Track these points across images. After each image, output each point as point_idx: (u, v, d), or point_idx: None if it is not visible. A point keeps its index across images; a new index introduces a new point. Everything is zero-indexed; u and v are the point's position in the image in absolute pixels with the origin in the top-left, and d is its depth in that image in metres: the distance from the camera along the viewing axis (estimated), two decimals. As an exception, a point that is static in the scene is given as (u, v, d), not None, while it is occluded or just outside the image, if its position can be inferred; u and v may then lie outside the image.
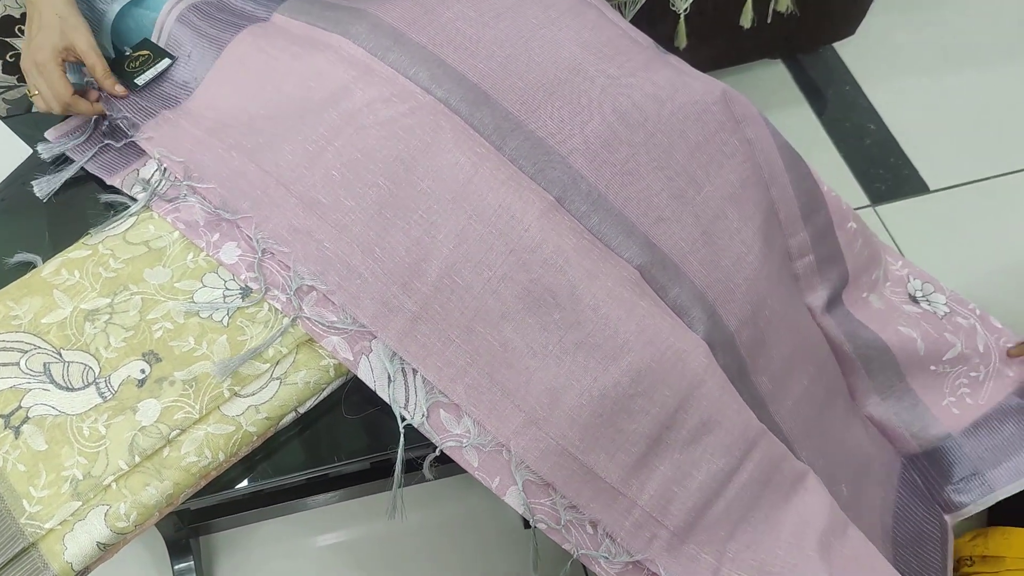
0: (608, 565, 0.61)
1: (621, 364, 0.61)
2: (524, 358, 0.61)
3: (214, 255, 0.66)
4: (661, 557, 0.62)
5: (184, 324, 0.65)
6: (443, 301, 0.61)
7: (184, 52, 0.77)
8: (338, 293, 0.61)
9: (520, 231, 0.62)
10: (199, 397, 0.61)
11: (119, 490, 0.58)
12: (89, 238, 0.69)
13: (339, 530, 1.06)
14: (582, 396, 0.61)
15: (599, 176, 0.67)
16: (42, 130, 0.77)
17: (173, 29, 0.77)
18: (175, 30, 0.77)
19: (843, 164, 1.39)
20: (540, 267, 0.62)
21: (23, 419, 0.60)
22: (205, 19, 0.78)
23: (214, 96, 0.75)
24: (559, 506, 0.61)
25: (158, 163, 0.71)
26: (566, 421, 0.60)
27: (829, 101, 1.45)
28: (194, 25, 0.77)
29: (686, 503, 0.63)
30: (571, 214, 0.65)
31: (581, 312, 0.62)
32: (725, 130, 0.73)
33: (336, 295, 0.61)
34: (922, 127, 1.43)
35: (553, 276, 0.62)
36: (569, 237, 0.64)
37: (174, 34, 0.77)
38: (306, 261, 0.63)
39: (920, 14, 1.57)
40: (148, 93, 0.75)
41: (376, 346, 0.61)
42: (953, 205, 1.34)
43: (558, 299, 0.62)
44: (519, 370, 0.61)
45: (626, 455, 0.62)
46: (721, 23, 1.23)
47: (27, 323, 0.64)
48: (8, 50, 0.91)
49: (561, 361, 0.61)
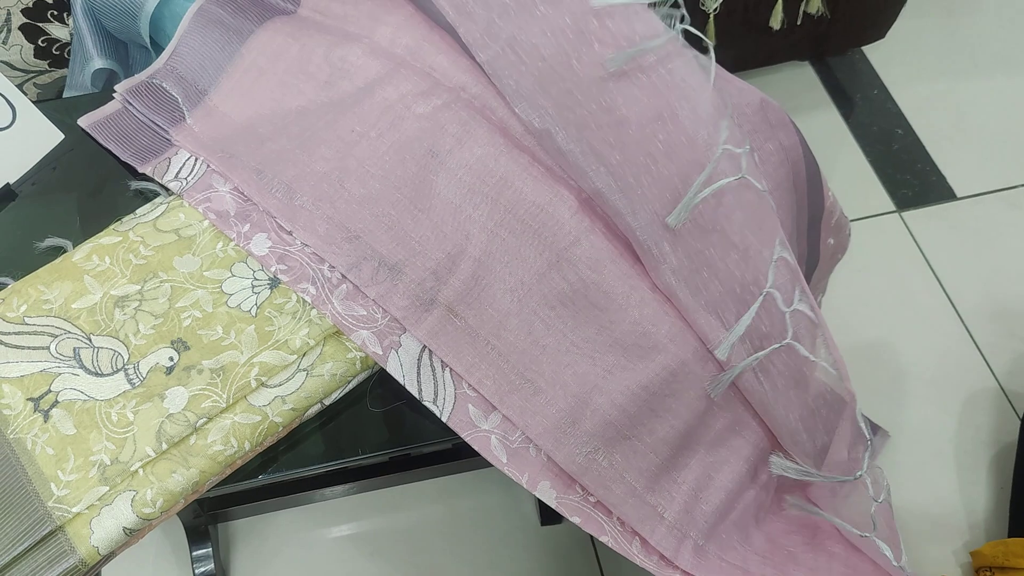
0: (643, 557, 0.61)
1: (654, 365, 0.61)
2: (557, 355, 0.61)
3: (244, 246, 0.66)
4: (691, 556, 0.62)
5: (213, 313, 0.65)
6: (476, 296, 0.61)
7: (206, 42, 0.77)
8: (371, 287, 0.61)
9: (555, 227, 0.62)
10: (226, 386, 0.62)
11: (146, 476, 0.58)
12: (120, 224, 0.69)
13: (355, 521, 1.07)
14: (614, 395, 0.60)
15: (635, 173, 0.67)
16: (73, 115, 0.77)
17: (193, 19, 0.78)
18: (195, 20, 0.78)
19: (869, 169, 1.38)
20: (574, 265, 0.62)
21: (52, 403, 0.60)
22: (228, 7, 0.78)
23: (240, 88, 0.75)
24: (590, 502, 0.61)
25: (191, 153, 0.71)
26: (598, 420, 0.60)
27: (857, 105, 1.44)
28: (216, 15, 0.77)
29: (712, 503, 0.63)
30: (605, 212, 0.65)
31: (615, 312, 0.62)
32: (760, 134, 0.73)
33: (370, 288, 0.61)
34: (950, 133, 1.41)
35: (587, 274, 0.62)
36: (603, 236, 0.63)
37: (195, 23, 0.78)
38: (341, 254, 0.63)
39: (952, 19, 1.56)
40: (172, 85, 0.76)
41: (406, 341, 0.61)
42: (980, 213, 1.33)
43: (591, 298, 0.62)
44: (551, 367, 0.61)
45: (656, 456, 0.62)
46: (750, 23, 1.22)
47: (58, 308, 0.64)
48: (40, 35, 0.92)
49: (594, 360, 0.61)
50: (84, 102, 0.81)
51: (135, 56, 0.92)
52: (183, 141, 0.71)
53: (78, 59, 0.90)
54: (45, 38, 0.92)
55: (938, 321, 1.24)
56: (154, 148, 0.73)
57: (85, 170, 0.76)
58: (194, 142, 0.71)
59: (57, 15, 0.89)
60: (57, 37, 0.92)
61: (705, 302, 0.63)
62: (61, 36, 0.92)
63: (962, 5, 1.57)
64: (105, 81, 0.92)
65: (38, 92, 0.98)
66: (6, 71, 0.93)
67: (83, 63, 0.89)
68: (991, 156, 1.38)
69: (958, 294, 1.26)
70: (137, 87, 0.76)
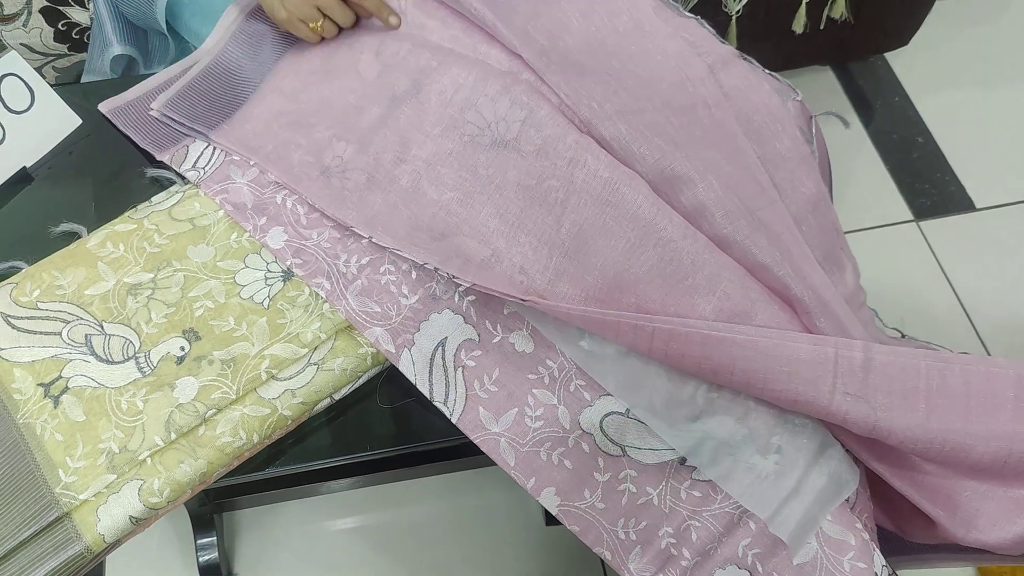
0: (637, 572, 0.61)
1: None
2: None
3: (260, 239, 0.66)
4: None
5: (225, 304, 0.65)
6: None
7: (252, 42, 0.78)
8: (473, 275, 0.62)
9: (634, 209, 0.63)
10: (236, 378, 0.62)
11: (154, 465, 0.58)
12: (135, 212, 0.69)
13: (358, 515, 1.07)
14: None
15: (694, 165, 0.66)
16: (91, 100, 0.77)
17: (241, 24, 0.78)
18: (243, 25, 0.78)
19: (888, 177, 1.36)
20: (659, 242, 0.63)
21: (63, 389, 0.60)
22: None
23: (291, 83, 0.75)
24: (595, 511, 0.60)
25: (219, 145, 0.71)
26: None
27: (877, 112, 1.43)
28: (258, 27, 0.78)
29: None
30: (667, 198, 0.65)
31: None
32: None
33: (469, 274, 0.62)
34: (971, 143, 1.40)
35: (671, 252, 0.63)
36: (677, 217, 0.64)
37: (242, 27, 0.78)
38: (428, 253, 0.63)
39: (976, 28, 1.54)
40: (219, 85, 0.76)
41: (419, 339, 0.61)
42: (999, 224, 1.31)
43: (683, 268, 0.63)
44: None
45: None
46: (773, 27, 1.21)
47: (71, 294, 0.64)
48: (60, 19, 0.92)
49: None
50: (103, 87, 0.81)
51: (154, 43, 0.92)
52: (230, 143, 0.72)
53: (97, 44, 0.90)
54: (65, 22, 0.92)
55: (953, 332, 1.23)
56: (173, 136, 0.73)
57: (102, 156, 0.76)
58: (241, 145, 0.71)
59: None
60: (77, 21, 0.92)
61: None
62: (81, 20, 0.92)
63: (986, 15, 1.56)
64: (124, 67, 0.92)
65: (57, 76, 0.98)
66: (26, 54, 0.93)
67: (102, 48, 0.89)
68: (1012, 168, 1.37)
69: (974, 306, 1.24)
70: (177, 97, 0.76)
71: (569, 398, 0.62)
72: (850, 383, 0.58)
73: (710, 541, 0.61)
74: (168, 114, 0.73)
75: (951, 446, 0.58)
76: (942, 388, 0.59)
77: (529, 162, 0.64)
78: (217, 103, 0.75)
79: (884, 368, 0.59)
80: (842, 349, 0.59)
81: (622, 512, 0.62)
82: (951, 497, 0.63)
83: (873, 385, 0.58)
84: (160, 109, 0.73)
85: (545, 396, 0.62)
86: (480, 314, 0.63)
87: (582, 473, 0.61)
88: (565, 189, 0.63)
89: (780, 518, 0.62)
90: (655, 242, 0.62)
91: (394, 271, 0.64)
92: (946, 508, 0.63)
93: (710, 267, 0.62)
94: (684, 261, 0.62)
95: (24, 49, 0.93)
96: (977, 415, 0.59)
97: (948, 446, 0.58)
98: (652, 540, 0.61)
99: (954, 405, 0.59)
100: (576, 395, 0.63)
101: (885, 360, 0.59)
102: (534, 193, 0.64)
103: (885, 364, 0.59)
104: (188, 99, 0.74)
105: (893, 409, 0.58)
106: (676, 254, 0.62)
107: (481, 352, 0.63)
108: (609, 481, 0.62)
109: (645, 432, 0.62)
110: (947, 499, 0.63)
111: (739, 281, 0.62)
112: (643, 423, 0.62)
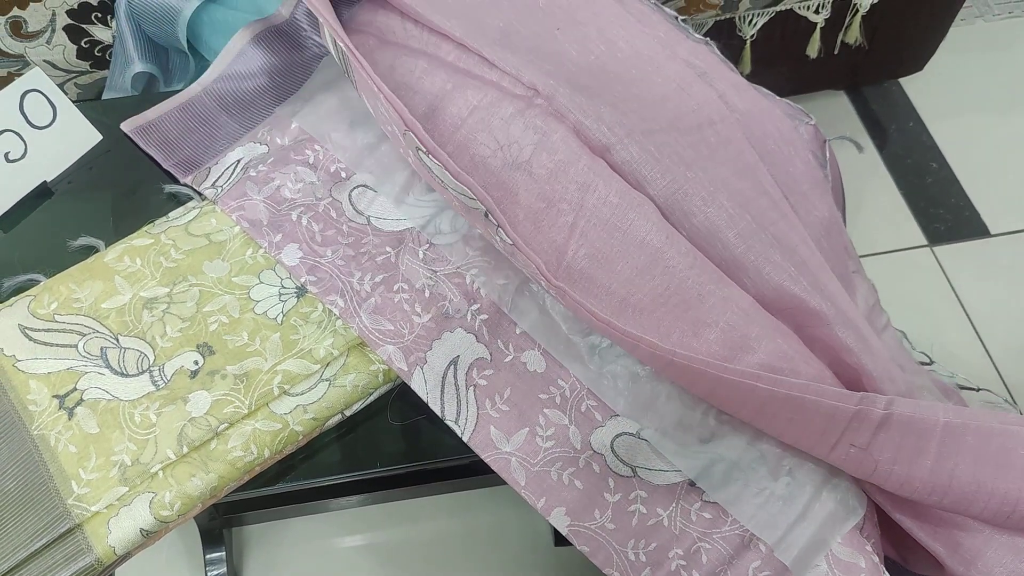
0: None
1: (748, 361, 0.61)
2: None
3: (275, 255, 0.67)
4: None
5: (239, 319, 0.65)
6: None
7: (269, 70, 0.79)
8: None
9: (642, 236, 0.62)
10: (249, 392, 0.62)
11: (165, 479, 0.59)
12: (152, 227, 0.70)
13: (367, 532, 1.06)
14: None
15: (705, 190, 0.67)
16: (111, 117, 0.78)
17: (248, 48, 0.79)
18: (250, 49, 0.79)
19: (902, 202, 1.36)
20: (666, 271, 0.62)
21: (77, 401, 0.61)
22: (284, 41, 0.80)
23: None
24: (605, 531, 0.60)
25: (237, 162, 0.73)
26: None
27: (891, 137, 1.43)
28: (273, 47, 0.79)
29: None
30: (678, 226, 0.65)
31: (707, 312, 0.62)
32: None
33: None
34: (986, 169, 1.39)
35: (678, 281, 0.62)
36: (685, 245, 0.63)
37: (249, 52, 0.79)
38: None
39: (992, 54, 1.54)
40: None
41: (432, 358, 0.61)
42: (1014, 250, 1.31)
43: (688, 300, 0.62)
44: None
45: None
46: (787, 51, 1.22)
47: (87, 307, 0.65)
48: (83, 36, 0.93)
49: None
50: (124, 104, 0.82)
51: (175, 61, 0.94)
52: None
53: (119, 61, 0.91)
54: (88, 39, 0.93)
55: (967, 359, 1.22)
56: (196, 158, 0.74)
57: (120, 171, 0.77)
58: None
59: (101, 17, 0.91)
60: (100, 39, 0.93)
61: None
62: (104, 38, 0.93)
63: (1002, 40, 1.56)
64: (144, 84, 0.93)
65: (78, 92, 1.00)
66: (49, 70, 0.94)
67: (124, 66, 0.90)
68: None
69: (988, 333, 1.23)
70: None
71: (580, 418, 0.62)
72: (859, 438, 0.57)
73: (720, 563, 0.61)
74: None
75: (951, 500, 0.58)
76: (954, 448, 0.57)
77: (540, 185, 0.64)
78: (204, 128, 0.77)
79: (900, 425, 0.57)
80: (865, 404, 0.56)
81: (632, 533, 0.61)
82: (952, 535, 0.62)
83: (882, 441, 0.57)
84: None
85: (556, 416, 0.62)
86: (492, 333, 0.64)
87: (592, 493, 0.61)
88: (575, 213, 0.63)
89: (786, 543, 0.61)
90: (662, 270, 0.62)
91: (407, 289, 0.65)
92: (947, 545, 0.62)
93: (715, 299, 0.61)
94: (690, 292, 0.62)
95: (47, 66, 0.94)
96: (984, 474, 0.57)
97: (948, 499, 0.58)
98: (662, 562, 0.61)
99: (962, 462, 0.57)
100: (587, 415, 0.63)
101: (903, 416, 0.57)
102: (543, 216, 0.64)
103: (902, 421, 0.57)
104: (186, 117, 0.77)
105: (897, 463, 0.57)
106: (682, 284, 0.62)
107: (493, 371, 0.63)
108: (619, 502, 0.62)
109: (655, 453, 0.62)
110: (948, 537, 0.63)
111: (743, 313, 0.62)
112: (654, 444, 0.62)
